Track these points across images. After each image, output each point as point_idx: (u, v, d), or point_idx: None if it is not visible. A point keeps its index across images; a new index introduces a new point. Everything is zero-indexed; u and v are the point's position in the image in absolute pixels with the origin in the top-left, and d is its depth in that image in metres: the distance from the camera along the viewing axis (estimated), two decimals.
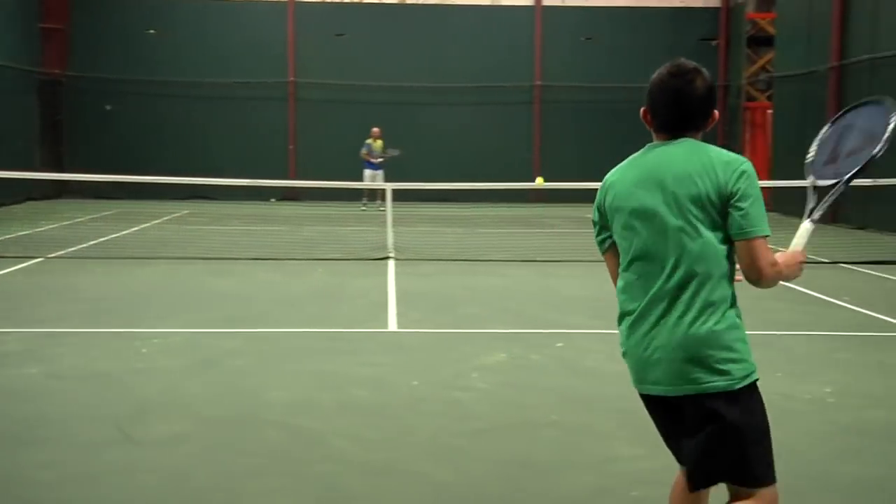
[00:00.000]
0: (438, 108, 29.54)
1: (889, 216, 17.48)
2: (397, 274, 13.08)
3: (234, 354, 8.05)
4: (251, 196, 25.80)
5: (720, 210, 3.14)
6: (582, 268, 14.09)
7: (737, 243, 3.15)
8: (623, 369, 8.03)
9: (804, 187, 3.68)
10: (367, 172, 24.17)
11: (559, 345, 8.56)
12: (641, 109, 3.40)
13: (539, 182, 12.07)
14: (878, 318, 10.05)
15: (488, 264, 14.45)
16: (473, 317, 10.06)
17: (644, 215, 3.22)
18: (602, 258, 3.56)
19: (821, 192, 3.60)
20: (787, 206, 25.08)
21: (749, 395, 3.21)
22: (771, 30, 27.52)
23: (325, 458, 5.45)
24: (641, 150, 3.39)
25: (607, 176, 3.43)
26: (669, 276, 3.16)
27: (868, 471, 5.31)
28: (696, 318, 3.13)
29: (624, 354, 3.37)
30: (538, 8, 29.73)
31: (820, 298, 11.33)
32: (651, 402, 3.35)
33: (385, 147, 24.52)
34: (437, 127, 29.41)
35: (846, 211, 21.94)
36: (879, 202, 19.39)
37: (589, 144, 29.37)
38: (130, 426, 5.98)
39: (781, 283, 3.29)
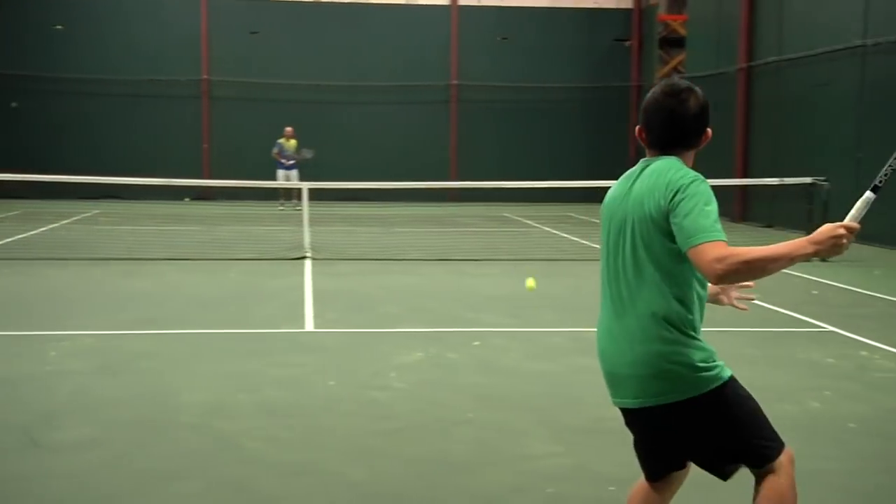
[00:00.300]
0: (355, 106, 29.44)
1: (794, 214, 17.96)
2: (314, 274, 13.00)
3: (147, 356, 7.91)
4: (164, 195, 25.37)
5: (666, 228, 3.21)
6: (498, 266, 14.18)
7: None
8: (539, 368, 8.11)
9: (713, 186, 3.74)
10: (281, 172, 23.91)
11: (476, 343, 8.59)
12: (636, 128, 3.46)
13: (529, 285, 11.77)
14: (784, 313, 10.31)
15: (405, 263, 14.45)
16: (390, 316, 10.05)
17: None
18: (518, 257, 3.60)
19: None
20: None
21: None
22: (682, 31, 28.05)
23: (240, 460, 5.39)
24: (637, 165, 3.48)
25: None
26: None
27: None
28: None
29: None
30: (454, 7, 29.82)
31: None
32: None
33: (299, 147, 24.31)
34: (353, 126, 29.30)
35: (754, 210, 22.48)
36: (785, 201, 19.89)
37: (505, 144, 29.59)
38: (38, 431, 5.83)
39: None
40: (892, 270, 14.22)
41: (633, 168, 3.48)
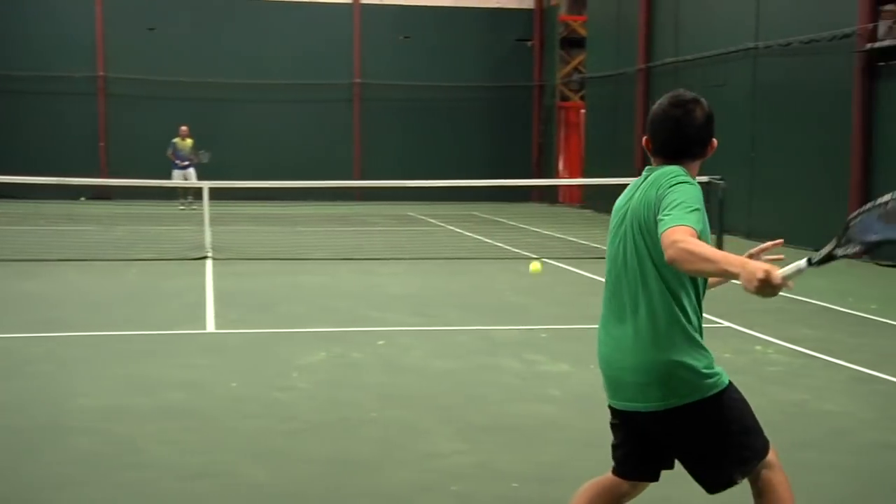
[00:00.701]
0: (256, 105, 29.09)
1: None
2: (215, 274, 12.81)
3: (41, 360, 7.69)
4: (60, 195, 24.65)
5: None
6: (403, 265, 14.17)
7: None
8: (443, 366, 8.13)
9: (614, 185, 3.84)
10: (176, 173, 23.46)
11: (380, 342, 8.57)
12: (644, 139, 3.51)
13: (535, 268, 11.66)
14: None
15: (309, 263, 14.34)
16: (294, 316, 9.96)
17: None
18: (422, 256, 3.61)
19: (841, 242, 3.38)
20: (598, 201, 25.98)
21: None
22: (583, 32, 28.44)
23: (138, 464, 5.27)
24: (643, 173, 3.51)
25: None
26: None
27: None
28: None
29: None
30: (356, 6, 29.71)
31: None
32: None
33: (195, 147, 23.87)
34: (255, 124, 28.96)
35: None
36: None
37: (409, 143, 29.60)
38: None
39: (588, 276, 3.38)
40: (784, 266, 14.62)
41: (640, 176, 3.51)
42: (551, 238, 18.56)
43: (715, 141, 3.52)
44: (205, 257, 14.22)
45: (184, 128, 24.07)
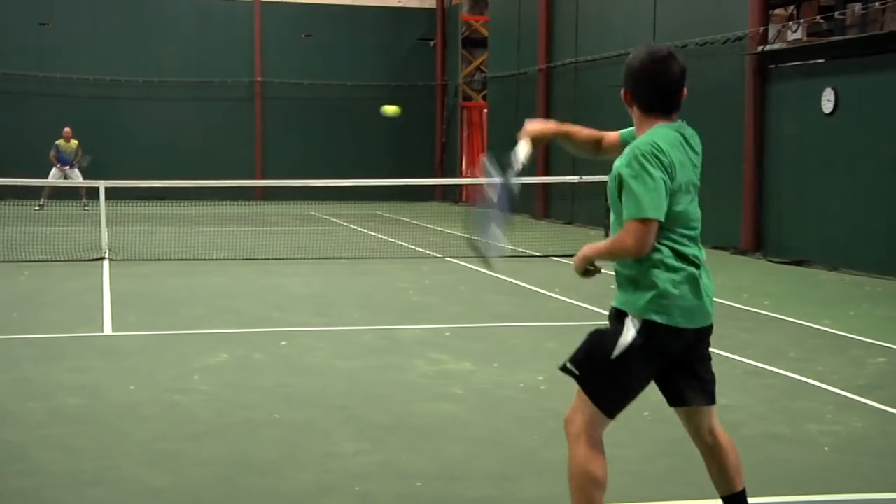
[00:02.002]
0: (156, 103, 28.52)
1: (593, 211, 18.64)
2: (112, 275, 12.52)
3: None
4: None
5: None
6: (306, 265, 14.06)
7: None
8: (346, 366, 8.08)
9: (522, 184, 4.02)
10: (55, 172, 22.82)
11: (282, 343, 8.49)
12: (623, 91, 3.82)
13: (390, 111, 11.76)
14: (584, 307, 10.67)
15: (209, 263, 14.12)
16: (194, 317, 9.79)
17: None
18: (325, 255, 3.57)
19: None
20: None
21: None
22: (484, 32, 28.62)
23: (28, 471, 5.10)
24: (668, 126, 3.75)
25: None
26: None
27: None
28: None
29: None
30: (257, 3, 29.37)
31: (533, 290, 11.89)
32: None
33: (80, 148, 23.22)
34: (154, 123, 28.39)
35: (556, 207, 23.20)
36: (585, 199, 20.62)
37: (311, 142, 29.39)
38: None
39: (491, 275, 3.64)
40: None
41: (667, 128, 3.73)
42: (455, 237, 18.62)
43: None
44: (101, 258, 13.90)
45: (67, 129, 23.32)
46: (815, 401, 6.91)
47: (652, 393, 4.02)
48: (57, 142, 23.14)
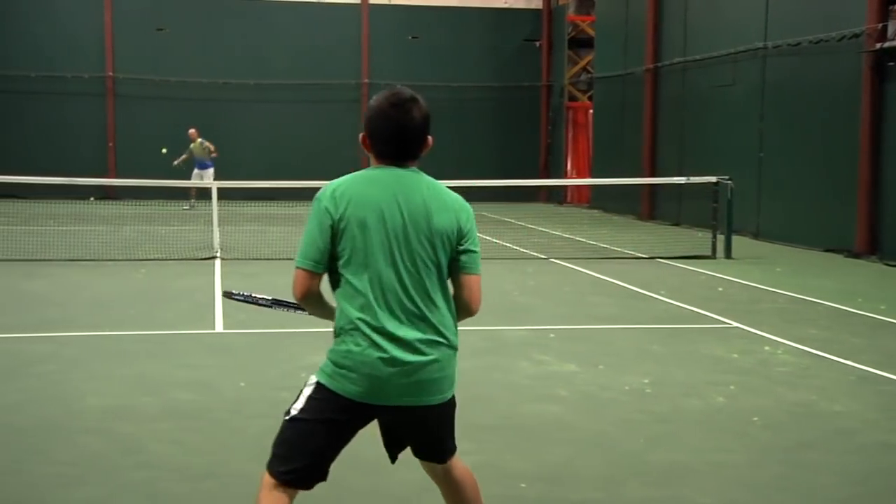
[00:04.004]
0: (264, 105, 29.12)
1: (700, 213, 18.33)
2: (224, 274, 12.82)
3: (46, 360, 7.69)
4: (68, 194, 24.67)
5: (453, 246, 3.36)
6: None
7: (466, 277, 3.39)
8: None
9: (622, 185, 3.89)
10: (195, 172, 23.62)
11: None
12: (361, 136, 3.46)
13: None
14: (690, 309, 10.50)
15: None
16: (301, 316, 9.92)
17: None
18: None
19: None
20: (606, 202, 25.95)
21: None
22: (591, 32, 28.40)
23: (143, 464, 5.27)
24: (371, 170, 3.44)
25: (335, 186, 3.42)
26: None
27: (680, 456, 5.53)
28: None
29: None
30: (364, 6, 29.71)
31: (639, 292, 11.76)
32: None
33: (202, 147, 23.93)
34: (262, 124, 28.99)
35: (662, 209, 22.88)
36: (691, 199, 20.29)
37: None
38: None
39: (596, 276, 3.53)
40: (792, 267, 14.60)
41: (369, 171, 3.43)
42: (559, 238, 18.54)
43: (430, 139, 3.53)
44: (213, 257, 14.24)
45: (192, 130, 24.09)
46: None
47: (761, 398, 3.94)
48: (191, 146, 23.86)
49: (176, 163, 23.72)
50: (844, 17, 16.29)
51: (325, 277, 3.42)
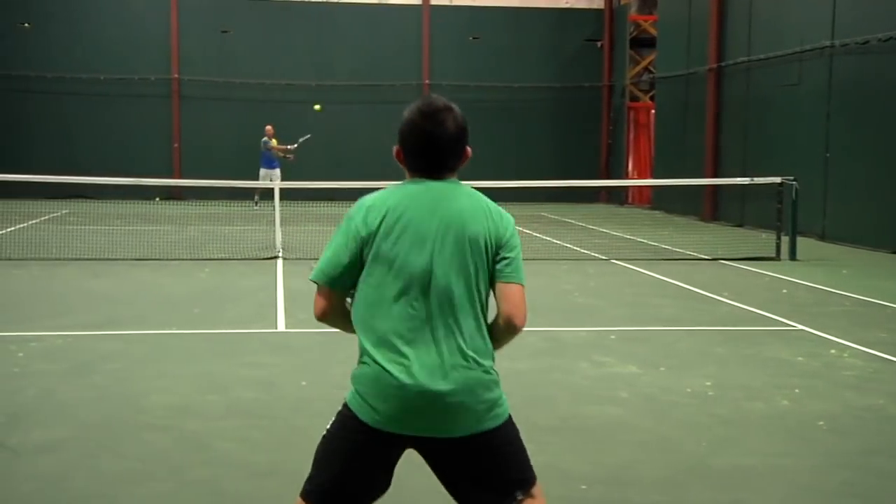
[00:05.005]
0: (327, 106, 29.33)
1: (763, 214, 18.09)
2: (285, 273, 12.95)
3: (115, 357, 7.85)
4: (134, 195, 25.17)
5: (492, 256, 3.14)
6: None
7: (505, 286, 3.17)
8: (511, 367, 8.07)
9: (684, 186, 3.78)
10: (263, 171, 23.78)
11: None
12: (395, 149, 3.27)
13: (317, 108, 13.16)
14: (754, 312, 10.37)
15: None
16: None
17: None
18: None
19: None
20: (667, 203, 25.73)
21: None
22: (653, 31, 28.18)
23: (209, 461, 5.35)
24: (405, 184, 3.24)
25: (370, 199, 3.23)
26: None
27: (744, 460, 5.48)
28: None
29: None
30: (426, 7, 29.81)
31: (701, 294, 11.64)
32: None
33: (280, 143, 24.20)
34: (325, 125, 29.20)
35: (725, 209, 22.62)
36: (754, 200, 20.03)
37: (477, 143, 29.14)
38: (6, 432, 5.77)
39: (658, 277, 3.39)
40: (860, 269, 14.35)
41: (405, 184, 3.24)
42: (619, 239, 18.43)
43: (469, 150, 3.30)
44: (275, 257, 14.39)
45: (269, 127, 24.33)
46: None
47: (826, 402, 3.89)
48: (263, 139, 24.05)
49: (291, 151, 23.93)
50: None
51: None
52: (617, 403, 6.66)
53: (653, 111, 28.57)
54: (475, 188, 3.43)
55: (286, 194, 16.54)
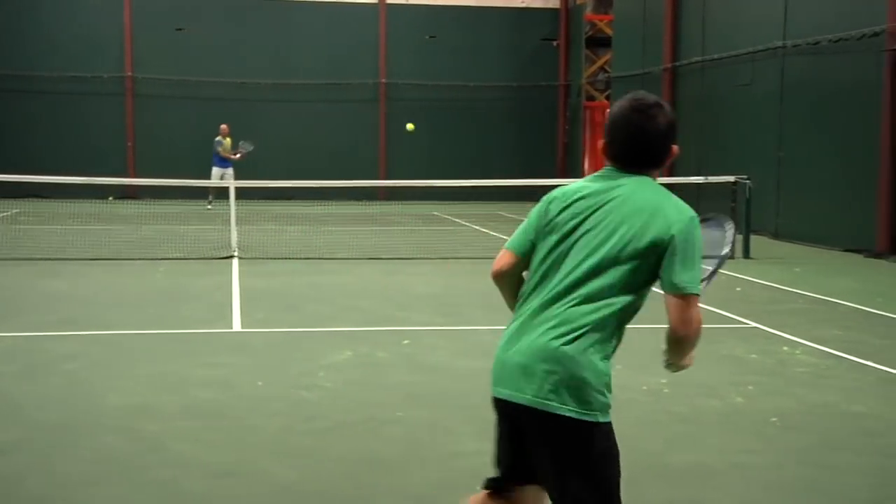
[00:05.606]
0: (282, 104, 29.20)
1: (718, 212, 18.27)
2: (242, 273, 12.87)
3: (69, 358, 7.75)
4: (88, 194, 24.80)
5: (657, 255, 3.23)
6: (428, 265, 14.18)
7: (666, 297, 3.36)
8: (468, 366, 8.11)
9: None
10: (216, 171, 23.57)
11: (406, 342, 8.58)
12: (600, 143, 3.36)
13: (410, 127, 13.52)
14: (708, 309, 10.46)
15: (335, 262, 14.38)
16: (319, 315, 9.99)
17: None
18: (448, 256, 3.57)
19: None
20: None
21: None
22: (608, 31, 28.35)
23: (165, 462, 5.31)
24: (599, 174, 3.34)
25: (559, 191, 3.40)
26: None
27: (701, 457, 5.53)
28: None
29: None
30: (382, 6, 29.76)
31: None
32: None
33: (234, 143, 24.00)
34: (281, 124, 29.07)
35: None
36: (709, 199, 20.22)
37: (434, 142, 29.59)
38: None
39: None
40: (812, 268, 14.54)
41: (595, 176, 3.35)
42: None
43: (675, 148, 3.38)
44: (231, 256, 14.29)
45: (223, 126, 24.13)
46: None
47: (780, 399, 3.95)
48: (217, 138, 23.81)
49: (251, 148, 23.73)
50: (864, 16, 16.20)
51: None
52: None
53: (608, 110, 28.74)
54: (432, 187, 3.48)
55: (242, 193, 16.42)
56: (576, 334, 3.20)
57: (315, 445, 5.63)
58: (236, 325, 9.37)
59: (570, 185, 3.36)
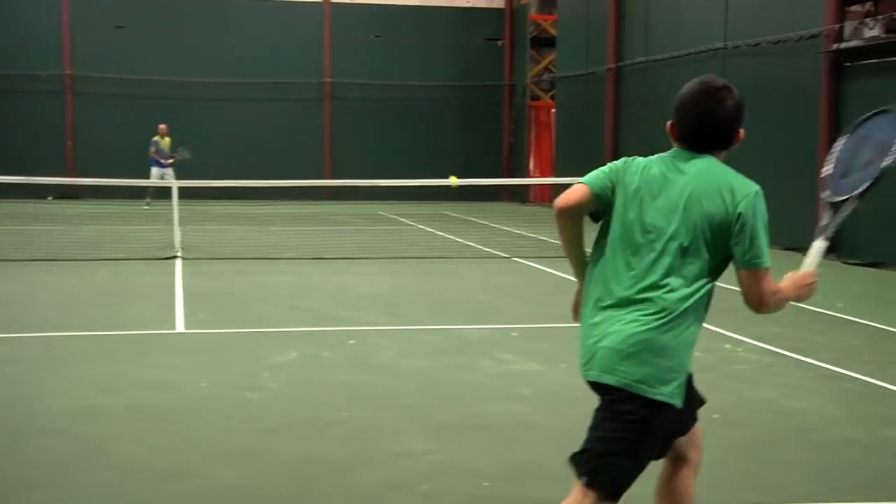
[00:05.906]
0: (227, 104, 28.94)
1: None
2: (185, 273, 12.73)
3: (6, 361, 7.61)
4: (26, 194, 24.39)
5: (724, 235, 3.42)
6: (374, 265, 14.15)
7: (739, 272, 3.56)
8: (414, 366, 8.11)
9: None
10: (155, 171, 23.27)
11: (351, 342, 8.56)
12: (668, 123, 3.46)
13: (453, 181, 13.87)
14: None
15: (280, 262, 14.29)
16: (264, 316, 9.92)
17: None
18: (393, 255, 3.60)
19: (835, 207, 3.90)
20: None
21: None
22: (553, 31, 28.51)
23: (107, 465, 5.23)
24: (668, 155, 3.48)
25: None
26: None
27: None
28: None
29: None
30: (327, 5, 29.63)
31: None
32: None
33: (174, 145, 23.71)
34: (224, 123, 28.81)
35: None
36: None
37: (379, 142, 29.55)
38: None
39: (558, 275, 3.51)
40: None
41: (666, 155, 3.49)
42: (522, 237, 18.61)
43: (742, 131, 3.52)
44: (174, 257, 14.14)
45: (162, 126, 23.84)
46: (891, 405, 6.78)
47: (722, 396, 4.00)
48: (154, 138, 23.46)
49: (187, 156, 23.41)
50: (803, 18, 16.49)
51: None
52: (520, 400, 6.72)
53: (553, 110, 28.92)
54: (377, 187, 3.50)
55: (185, 193, 16.25)
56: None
57: (260, 446, 5.59)
58: (179, 326, 9.27)
59: (640, 160, 3.48)
